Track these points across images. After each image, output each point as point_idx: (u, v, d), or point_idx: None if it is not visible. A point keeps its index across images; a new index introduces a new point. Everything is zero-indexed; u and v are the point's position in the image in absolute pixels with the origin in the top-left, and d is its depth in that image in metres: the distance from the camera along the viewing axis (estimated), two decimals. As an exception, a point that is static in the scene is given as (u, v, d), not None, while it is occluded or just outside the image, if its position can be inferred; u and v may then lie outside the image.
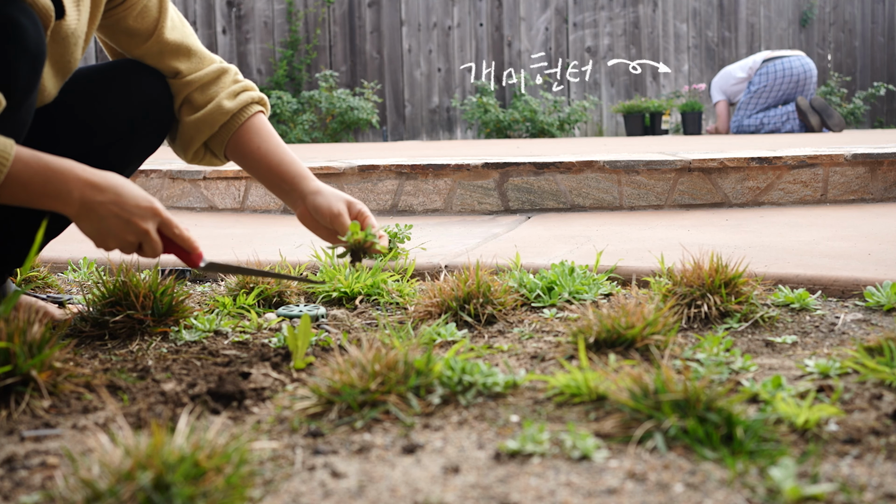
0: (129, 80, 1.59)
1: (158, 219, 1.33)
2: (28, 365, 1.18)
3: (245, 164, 1.65)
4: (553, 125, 9.35)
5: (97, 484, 0.83)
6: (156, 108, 1.61)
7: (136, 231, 1.31)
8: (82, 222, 1.29)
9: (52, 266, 2.31)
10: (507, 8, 10.32)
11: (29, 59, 1.29)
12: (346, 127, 9.17)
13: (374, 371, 1.16)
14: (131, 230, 1.30)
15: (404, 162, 3.52)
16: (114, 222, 1.29)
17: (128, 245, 1.32)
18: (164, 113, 1.62)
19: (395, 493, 0.91)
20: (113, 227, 1.29)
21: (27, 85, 1.31)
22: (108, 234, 1.30)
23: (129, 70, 1.60)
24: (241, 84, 1.67)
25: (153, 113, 1.61)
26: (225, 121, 1.62)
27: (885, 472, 0.94)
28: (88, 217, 1.28)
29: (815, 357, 1.38)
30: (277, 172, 1.61)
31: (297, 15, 9.64)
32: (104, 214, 1.28)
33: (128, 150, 1.60)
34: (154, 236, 1.33)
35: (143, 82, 1.59)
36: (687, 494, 0.89)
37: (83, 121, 1.55)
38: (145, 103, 1.59)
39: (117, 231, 1.29)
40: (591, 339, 1.40)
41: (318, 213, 1.56)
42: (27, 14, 1.28)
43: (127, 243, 1.32)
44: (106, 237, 1.30)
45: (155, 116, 1.61)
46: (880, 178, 3.51)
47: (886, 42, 12.04)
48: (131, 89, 1.58)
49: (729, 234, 2.70)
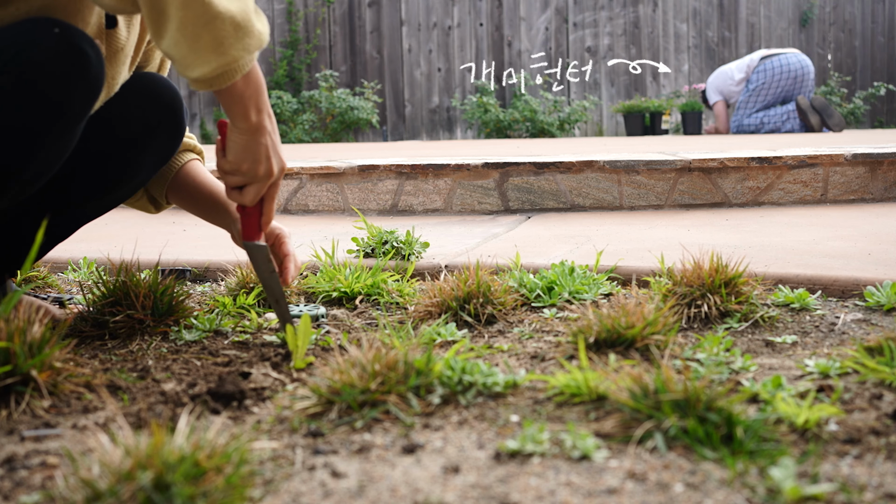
0: (148, 85, 1.62)
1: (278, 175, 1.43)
2: (28, 365, 1.18)
3: (183, 200, 1.74)
4: (553, 125, 9.35)
5: (97, 484, 0.83)
6: (171, 114, 1.63)
7: (266, 169, 1.39)
8: (244, 136, 1.35)
9: (53, 266, 2.31)
10: (507, 8, 10.32)
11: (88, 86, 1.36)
12: (346, 127, 9.17)
13: (374, 371, 1.16)
14: (267, 166, 1.39)
15: (404, 162, 3.52)
16: (262, 151, 1.37)
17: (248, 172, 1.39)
18: (178, 118, 1.65)
19: (395, 493, 0.91)
20: (258, 153, 1.37)
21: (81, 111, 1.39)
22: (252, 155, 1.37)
23: (147, 77, 1.63)
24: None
25: (168, 118, 1.63)
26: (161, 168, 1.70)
27: (885, 472, 0.94)
28: (254, 135, 1.35)
29: (815, 357, 1.38)
30: (212, 201, 1.70)
31: (297, 15, 9.64)
32: (261, 143, 1.37)
33: (144, 150, 1.62)
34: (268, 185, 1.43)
35: (161, 89, 1.62)
36: (687, 494, 0.89)
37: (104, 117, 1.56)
38: (162, 108, 1.62)
39: (258, 158, 1.38)
40: (591, 338, 1.40)
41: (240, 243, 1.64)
42: (92, 45, 1.35)
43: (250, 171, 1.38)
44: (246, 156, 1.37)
45: (170, 121, 1.63)
46: (880, 178, 3.51)
47: (886, 42, 12.04)
48: (150, 94, 1.61)
49: (729, 233, 2.70)
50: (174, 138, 1.65)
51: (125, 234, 2.89)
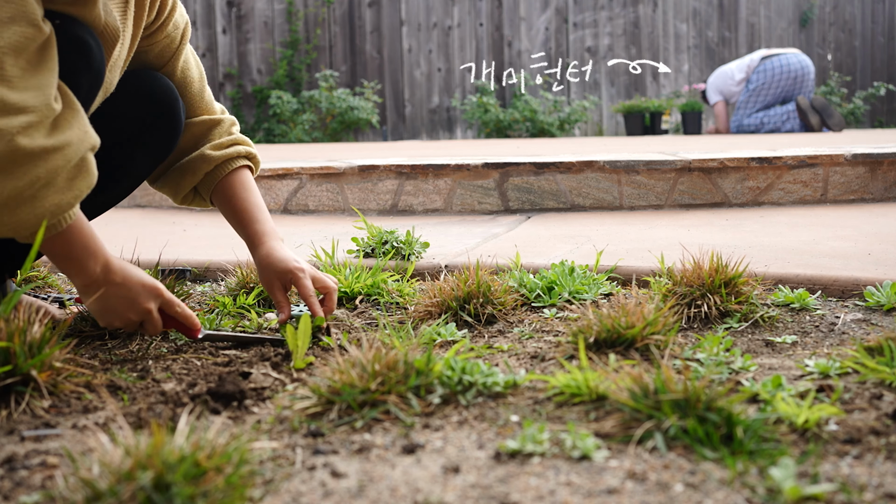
0: (143, 84, 1.60)
1: (161, 299, 1.43)
2: (28, 365, 1.18)
3: (221, 207, 1.71)
4: (553, 125, 9.35)
5: (97, 484, 0.83)
6: (167, 112, 1.62)
7: (139, 311, 1.40)
8: (91, 297, 1.36)
9: (53, 266, 2.31)
10: (507, 8, 10.32)
11: (91, 76, 1.37)
12: (347, 127, 9.17)
13: (374, 371, 1.16)
14: (134, 309, 1.40)
15: (404, 162, 3.52)
16: (119, 302, 1.38)
17: (130, 323, 1.41)
18: (174, 117, 1.63)
19: (395, 493, 0.91)
20: (118, 306, 1.38)
21: (85, 100, 1.38)
22: (112, 312, 1.39)
23: (143, 75, 1.62)
24: (231, 137, 1.72)
25: (164, 116, 1.61)
26: (209, 169, 1.68)
27: (885, 472, 0.94)
28: (97, 294, 1.35)
29: (815, 357, 1.38)
30: (241, 220, 1.67)
31: (297, 15, 9.64)
32: (112, 294, 1.37)
33: (139, 149, 1.61)
34: (156, 315, 1.43)
35: (157, 87, 1.61)
36: (687, 494, 0.89)
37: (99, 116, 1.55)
38: (157, 106, 1.61)
39: (122, 310, 1.39)
40: (591, 338, 1.40)
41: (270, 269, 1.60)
42: (93, 36, 1.35)
43: (129, 321, 1.41)
44: (111, 314, 1.39)
45: (166, 119, 1.62)
46: (880, 178, 3.51)
47: (886, 42, 12.04)
48: (145, 92, 1.60)
49: (729, 233, 2.70)
50: (170, 136, 1.64)
51: (125, 234, 2.89)
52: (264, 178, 3.61)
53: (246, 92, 9.63)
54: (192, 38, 9.47)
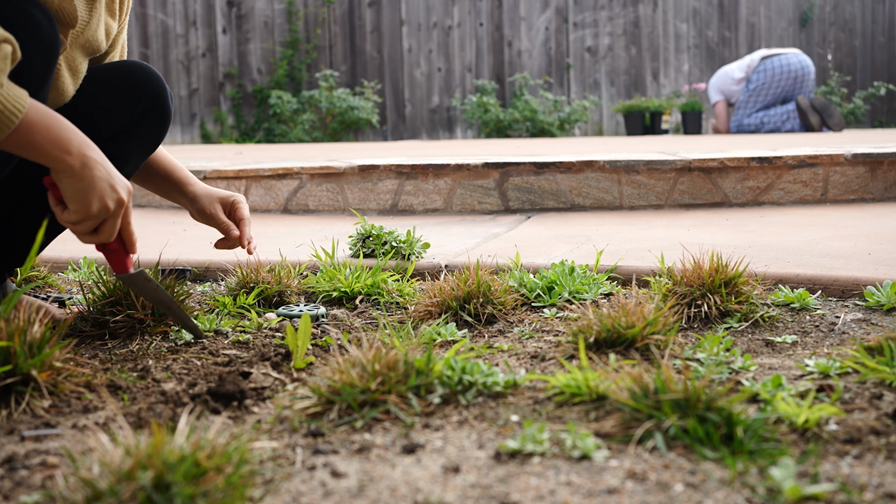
0: (131, 76, 1.60)
1: (128, 199, 1.34)
2: (28, 364, 1.18)
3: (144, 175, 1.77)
4: (553, 125, 9.35)
5: (97, 483, 0.83)
6: (156, 104, 1.62)
7: (116, 199, 1.30)
8: (71, 178, 1.27)
9: (53, 266, 2.31)
10: (507, 8, 10.32)
11: (42, 51, 1.32)
12: (347, 126, 9.17)
13: (374, 371, 1.16)
14: (112, 197, 1.30)
15: (404, 162, 3.52)
16: (101, 185, 1.28)
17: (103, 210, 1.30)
18: (163, 109, 1.64)
19: (395, 493, 0.91)
20: (99, 189, 1.28)
21: (39, 77, 1.34)
22: (92, 195, 1.28)
23: (131, 68, 1.62)
24: None
25: (153, 108, 1.62)
26: None
27: (885, 472, 0.94)
28: (81, 174, 1.26)
29: (816, 357, 1.38)
30: (168, 180, 1.76)
31: (298, 15, 9.64)
32: (95, 175, 1.27)
33: (129, 142, 1.62)
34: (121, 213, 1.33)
35: (145, 79, 1.61)
36: (687, 494, 0.89)
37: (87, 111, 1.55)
38: (146, 98, 1.61)
39: (101, 193, 1.28)
40: (592, 338, 1.40)
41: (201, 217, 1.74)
42: (42, 11, 1.32)
43: (104, 207, 1.30)
44: (89, 197, 1.28)
45: (156, 111, 1.62)
46: (880, 178, 3.51)
47: (886, 42, 12.04)
48: (133, 85, 1.60)
49: (729, 233, 2.70)
50: (160, 128, 1.65)
51: (125, 234, 2.88)
52: (264, 177, 3.62)
53: (246, 92, 9.63)
54: (193, 38, 9.48)
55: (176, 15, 9.40)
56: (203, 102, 9.54)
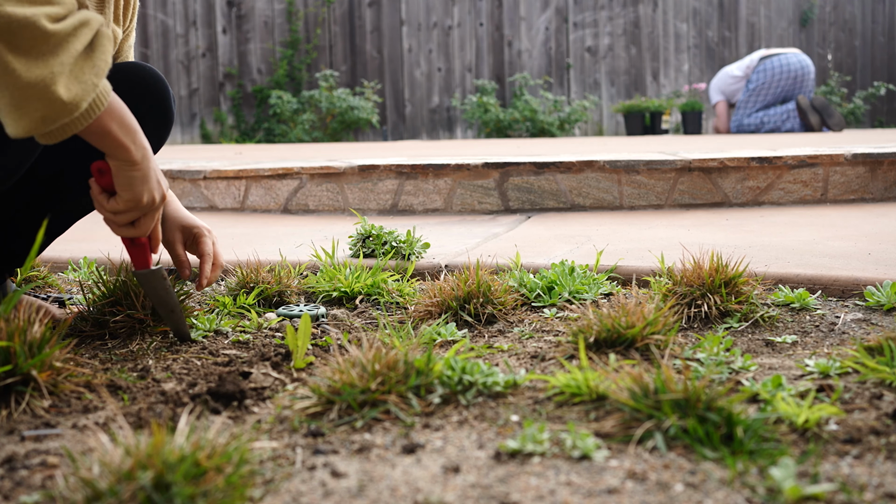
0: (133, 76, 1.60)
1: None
2: (28, 364, 1.18)
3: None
4: (553, 125, 9.35)
5: (97, 483, 0.83)
6: (158, 103, 1.62)
7: (161, 194, 1.37)
8: (131, 168, 1.31)
9: (53, 266, 2.31)
10: (507, 8, 10.32)
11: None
12: (347, 126, 9.18)
13: (374, 371, 1.16)
14: (159, 191, 1.36)
15: (404, 162, 3.52)
16: (154, 177, 1.34)
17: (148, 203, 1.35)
18: (165, 107, 1.64)
19: (395, 493, 0.91)
20: (151, 181, 1.34)
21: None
22: (144, 186, 1.33)
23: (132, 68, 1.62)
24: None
25: (155, 107, 1.62)
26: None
27: (885, 472, 0.94)
28: (141, 164, 1.31)
29: (816, 357, 1.38)
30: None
31: (298, 15, 9.64)
32: (151, 167, 1.33)
33: None
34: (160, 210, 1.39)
35: (146, 79, 1.61)
36: (687, 494, 0.89)
37: None
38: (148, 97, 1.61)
39: (152, 186, 1.34)
40: (592, 338, 1.40)
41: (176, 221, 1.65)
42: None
43: (152, 200, 1.35)
44: (143, 188, 1.33)
45: (157, 110, 1.62)
46: (880, 178, 3.51)
47: (886, 42, 12.04)
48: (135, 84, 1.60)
49: (729, 233, 2.70)
50: (163, 126, 1.65)
51: (125, 234, 2.89)
52: (264, 177, 3.62)
53: (246, 92, 9.64)
54: (193, 38, 9.48)
55: (176, 15, 9.40)
56: (203, 102, 9.55)
